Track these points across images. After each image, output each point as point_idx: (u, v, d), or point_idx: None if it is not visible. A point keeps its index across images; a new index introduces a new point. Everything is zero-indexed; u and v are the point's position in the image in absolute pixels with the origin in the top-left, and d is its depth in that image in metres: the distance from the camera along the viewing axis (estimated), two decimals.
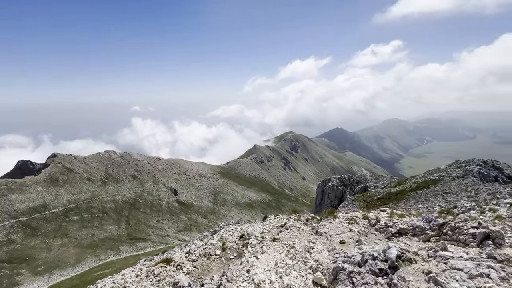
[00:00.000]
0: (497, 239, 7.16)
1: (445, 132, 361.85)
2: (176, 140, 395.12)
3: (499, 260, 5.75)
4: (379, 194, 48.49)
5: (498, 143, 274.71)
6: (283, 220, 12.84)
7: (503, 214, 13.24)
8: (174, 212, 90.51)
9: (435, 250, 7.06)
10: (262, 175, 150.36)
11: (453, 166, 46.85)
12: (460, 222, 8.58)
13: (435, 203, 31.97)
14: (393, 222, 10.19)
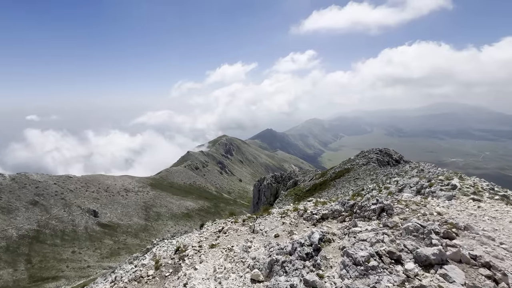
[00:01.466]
0: (389, 211, 9.08)
1: (352, 128, 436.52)
2: (91, 153, 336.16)
3: (390, 227, 7.30)
4: (307, 187, 54.03)
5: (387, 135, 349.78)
6: (221, 225, 12.78)
7: (392, 190, 16.85)
8: (96, 238, 77.37)
9: (348, 228, 8.40)
10: (199, 181, 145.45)
11: (360, 156, 56.67)
12: (364, 201, 10.49)
13: (349, 188, 37.85)
14: (317, 209, 11.58)
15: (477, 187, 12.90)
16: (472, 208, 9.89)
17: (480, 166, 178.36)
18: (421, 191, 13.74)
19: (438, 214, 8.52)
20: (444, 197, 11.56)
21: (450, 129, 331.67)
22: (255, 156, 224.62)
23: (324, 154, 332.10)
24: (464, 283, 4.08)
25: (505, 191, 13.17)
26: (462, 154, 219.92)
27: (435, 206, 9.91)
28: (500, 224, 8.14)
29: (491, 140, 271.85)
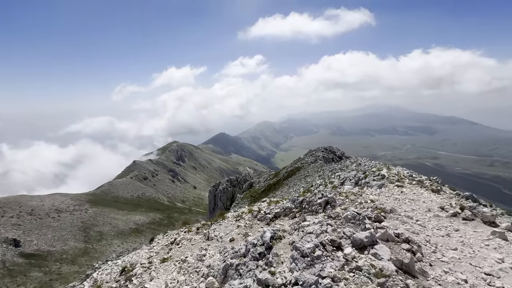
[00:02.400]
0: (332, 203, 9.98)
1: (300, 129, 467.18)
2: (7, 170, 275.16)
3: (333, 218, 8.03)
4: (262, 188, 55.31)
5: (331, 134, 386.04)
6: (173, 236, 12.10)
7: (336, 184, 18.56)
8: (18, 272, 64.28)
9: (298, 223, 8.92)
10: (148, 192, 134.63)
11: (308, 155, 60.84)
12: (312, 196, 11.30)
13: (300, 186, 40.15)
14: (270, 209, 11.98)
15: (400, 175, 15.20)
16: (396, 193, 11.61)
17: (403, 157, 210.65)
18: (359, 183, 15.51)
19: (371, 201, 9.75)
20: (376, 186, 13.28)
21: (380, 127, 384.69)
22: (209, 161, 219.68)
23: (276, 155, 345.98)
24: (390, 258, 4.77)
25: (420, 177, 15.84)
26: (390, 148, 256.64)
27: (369, 194, 11.30)
28: (416, 205, 9.76)
29: (410, 135, 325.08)
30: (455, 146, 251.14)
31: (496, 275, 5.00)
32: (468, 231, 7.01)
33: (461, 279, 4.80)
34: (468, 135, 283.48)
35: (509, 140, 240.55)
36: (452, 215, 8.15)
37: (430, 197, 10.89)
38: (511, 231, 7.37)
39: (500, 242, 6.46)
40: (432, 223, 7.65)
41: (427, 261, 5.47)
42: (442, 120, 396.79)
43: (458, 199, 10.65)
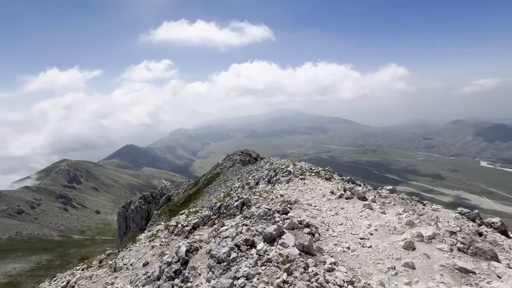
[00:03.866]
0: (248, 203, 10.51)
1: (217, 135, 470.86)
2: None
3: (248, 218, 8.47)
4: (182, 199, 52.15)
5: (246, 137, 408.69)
6: (65, 279, 9.72)
7: (252, 184, 19.68)
8: None
9: (217, 230, 8.92)
10: (26, 230, 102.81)
11: (226, 159, 61.91)
12: (229, 200, 11.56)
13: (221, 191, 40.26)
14: (188, 221, 11.46)
15: (303, 169, 17.61)
16: (300, 185, 13.40)
17: (307, 153, 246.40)
18: (271, 180, 17.01)
19: (281, 196, 10.87)
20: (284, 181, 14.92)
21: (286, 128, 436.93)
22: (115, 179, 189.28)
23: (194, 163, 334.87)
24: (295, 244, 5.47)
25: (317, 169, 18.85)
26: (296, 146, 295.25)
27: (279, 190, 12.56)
28: (315, 193, 11.56)
29: (310, 134, 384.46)
30: (341, 140, 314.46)
31: (367, 238, 6.54)
32: (349, 208, 8.87)
33: (345, 247, 6.02)
34: (349, 132, 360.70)
35: (374, 133, 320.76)
36: (338, 196, 10.10)
37: (325, 184, 13.15)
38: (375, 202, 9.79)
39: (368, 211, 8.47)
40: (326, 206, 9.26)
41: (323, 239, 6.57)
42: (331, 120, 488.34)
43: (342, 183, 13.32)
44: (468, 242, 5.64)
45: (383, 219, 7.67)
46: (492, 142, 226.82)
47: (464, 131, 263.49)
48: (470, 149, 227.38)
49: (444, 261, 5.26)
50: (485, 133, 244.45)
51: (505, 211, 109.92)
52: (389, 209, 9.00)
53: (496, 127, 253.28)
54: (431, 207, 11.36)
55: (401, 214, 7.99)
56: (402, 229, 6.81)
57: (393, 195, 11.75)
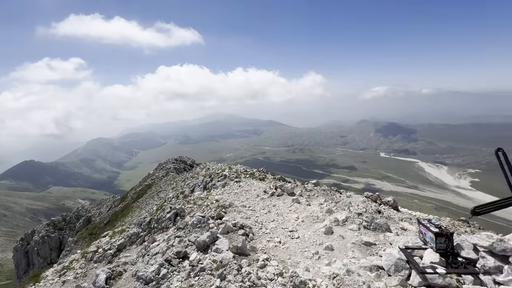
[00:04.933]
0: (182, 213, 9.99)
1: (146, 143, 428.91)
2: None
3: (182, 228, 8.05)
4: (106, 219, 45.27)
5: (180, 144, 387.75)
6: None
7: (187, 193, 18.82)
8: None
9: (147, 247, 8.14)
10: None
11: (158, 169, 57.19)
12: (160, 213, 10.72)
13: (154, 204, 36.90)
14: (112, 243, 10.04)
15: (238, 172, 17.94)
16: (236, 188, 13.60)
17: (243, 156, 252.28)
18: (207, 186, 16.66)
19: (216, 201, 10.77)
20: (220, 186, 14.87)
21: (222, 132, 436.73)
22: (8, 206, 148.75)
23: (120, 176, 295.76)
24: (229, 247, 5.50)
25: (252, 170, 19.53)
26: (233, 150, 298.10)
27: (215, 195, 12.43)
28: (250, 194, 11.94)
29: (245, 137, 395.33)
30: (274, 141, 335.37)
31: (295, 230, 7.15)
32: (280, 204, 9.53)
33: (277, 242, 6.43)
34: (280, 133, 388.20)
35: (301, 134, 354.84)
36: (271, 195, 10.71)
37: (258, 185, 13.73)
38: (302, 196, 10.81)
39: (296, 205, 9.29)
40: (260, 205, 9.68)
41: (257, 237, 6.84)
42: (264, 123, 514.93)
43: (274, 182, 14.21)
44: (370, 220, 6.88)
45: (308, 211, 8.54)
46: (387, 137, 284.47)
47: (368, 129, 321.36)
48: (372, 144, 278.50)
49: (354, 239, 6.25)
50: (382, 130, 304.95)
51: (399, 190, 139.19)
52: (314, 200, 10.11)
53: (389, 125, 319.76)
54: (346, 194, 13.33)
55: (322, 204, 9.08)
56: (323, 217, 7.75)
57: (316, 188, 13.25)
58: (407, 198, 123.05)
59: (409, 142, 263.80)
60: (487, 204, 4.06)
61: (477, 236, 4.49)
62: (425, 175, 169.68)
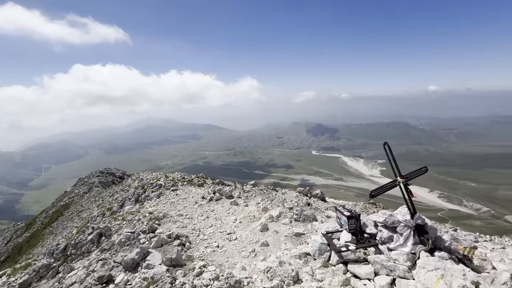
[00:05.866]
0: (107, 232, 8.84)
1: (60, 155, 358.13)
2: None
3: (108, 250, 7.15)
4: (3, 255, 35.99)
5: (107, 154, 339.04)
6: None
7: (115, 208, 16.76)
8: None
9: (61, 279, 6.88)
10: None
11: (78, 184, 48.78)
12: (79, 236, 9.23)
13: (73, 226, 31.32)
14: (10, 283, 8.04)
15: (174, 180, 17.02)
16: (172, 197, 12.88)
17: (182, 162, 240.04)
18: (139, 199, 15.18)
19: (150, 213, 9.96)
20: (155, 196, 13.81)
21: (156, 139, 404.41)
22: None
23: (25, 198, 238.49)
24: (162, 261, 5.19)
25: (190, 177, 18.84)
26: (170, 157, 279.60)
27: (148, 207, 11.47)
28: (187, 202, 11.50)
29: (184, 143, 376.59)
30: (214, 146, 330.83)
31: (233, 232, 7.27)
32: (218, 208, 9.52)
33: (215, 246, 6.41)
34: (220, 137, 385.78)
35: (241, 137, 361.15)
36: (209, 200, 10.59)
37: (197, 191, 13.36)
38: (240, 197, 11.06)
39: (235, 208, 9.45)
40: (198, 212, 9.44)
41: (194, 245, 6.66)
42: (203, 127, 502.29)
43: (214, 186, 14.09)
44: (300, 213, 7.61)
45: (246, 211, 8.81)
46: (316, 137, 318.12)
47: (301, 130, 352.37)
48: (305, 143, 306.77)
49: (286, 232, 6.78)
50: (312, 130, 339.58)
51: (328, 183, 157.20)
52: (251, 201, 10.48)
53: (317, 126, 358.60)
54: (281, 192, 14.30)
55: (259, 203, 9.51)
56: (259, 215, 8.13)
57: (254, 188, 13.77)
58: (335, 189, 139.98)
59: (334, 140, 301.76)
60: (380, 187, 5.06)
61: (376, 214, 5.52)
62: (348, 168, 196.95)
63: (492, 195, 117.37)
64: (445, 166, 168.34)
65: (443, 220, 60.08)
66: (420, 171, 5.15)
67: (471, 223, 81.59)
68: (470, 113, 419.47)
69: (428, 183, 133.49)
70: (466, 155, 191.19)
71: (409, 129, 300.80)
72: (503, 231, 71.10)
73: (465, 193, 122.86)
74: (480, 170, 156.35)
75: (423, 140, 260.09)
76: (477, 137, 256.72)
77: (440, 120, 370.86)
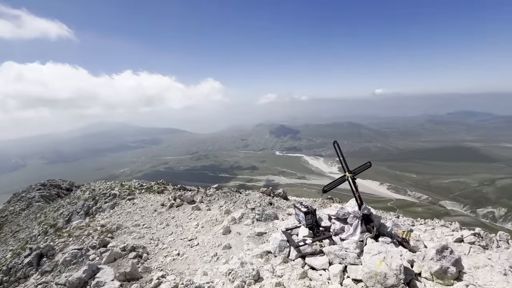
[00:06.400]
0: (50, 252, 7.83)
1: None
2: None
3: (50, 271, 6.35)
4: None
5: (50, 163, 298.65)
6: None
7: (60, 224, 14.95)
8: None
9: None
10: None
11: (14, 201, 42.09)
12: (14, 260, 8.00)
13: (7, 249, 26.96)
14: None
15: (131, 188, 15.88)
16: (128, 207, 11.99)
17: (141, 169, 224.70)
18: (90, 212, 13.77)
19: (102, 226, 9.12)
20: (109, 207, 12.69)
21: (111, 145, 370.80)
22: None
23: None
24: (115, 276, 4.81)
25: (149, 184, 17.78)
26: (127, 164, 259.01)
27: (100, 220, 10.50)
28: (146, 210, 10.83)
29: (142, 148, 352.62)
30: (176, 150, 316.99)
31: (195, 238, 7.09)
32: (179, 215, 9.17)
33: (175, 254, 6.17)
34: (183, 141, 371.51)
35: (205, 140, 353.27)
36: (169, 207, 10.14)
37: (156, 198, 12.66)
38: (202, 202, 10.82)
39: (197, 212, 9.22)
40: (157, 220, 8.96)
41: (153, 255, 6.31)
42: (163, 131, 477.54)
43: (175, 192, 13.52)
44: (261, 212, 7.76)
45: (208, 215, 8.66)
46: (279, 138, 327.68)
47: (264, 131, 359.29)
48: (269, 144, 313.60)
49: (249, 232, 6.86)
50: (275, 131, 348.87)
51: (292, 182, 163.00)
52: (214, 204, 10.34)
53: (280, 127, 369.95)
54: (245, 193, 14.38)
55: (222, 206, 9.43)
56: (222, 219, 8.06)
57: (218, 191, 13.61)
58: (298, 187, 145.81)
59: (296, 140, 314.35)
60: (331, 183, 5.46)
61: (330, 208, 5.94)
62: (309, 166, 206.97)
63: (429, 184, 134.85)
64: (392, 160, 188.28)
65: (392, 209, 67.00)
66: (365, 166, 5.71)
67: (414, 210, 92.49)
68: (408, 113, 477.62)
69: (379, 177, 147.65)
70: (407, 150, 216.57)
71: (360, 129, 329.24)
72: (438, 215, 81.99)
73: (409, 184, 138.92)
74: (419, 163, 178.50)
75: (372, 138, 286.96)
76: (415, 134, 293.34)
77: (385, 120, 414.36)
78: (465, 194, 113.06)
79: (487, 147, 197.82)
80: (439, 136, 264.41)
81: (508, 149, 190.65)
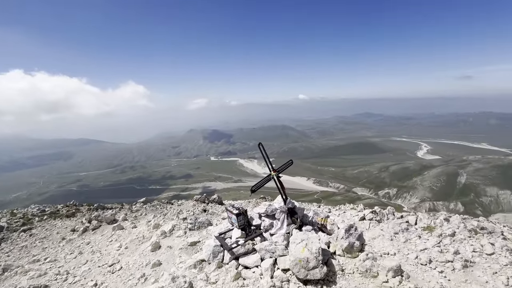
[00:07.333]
0: None
1: None
2: None
3: None
4: None
5: None
6: None
7: None
8: None
9: None
10: None
11: None
12: None
13: None
14: None
15: (27, 216, 12.73)
16: (23, 240, 9.50)
17: (44, 191, 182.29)
18: None
19: None
20: None
21: None
22: None
23: None
24: None
25: (55, 207, 14.65)
26: (23, 186, 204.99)
27: None
28: (49, 240, 8.87)
29: (44, 165, 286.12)
30: (93, 164, 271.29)
31: (117, 261, 6.23)
32: (97, 239, 7.91)
33: (92, 285, 5.28)
34: (100, 153, 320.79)
35: (130, 150, 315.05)
36: (83, 231, 8.62)
37: (65, 224, 10.54)
38: (127, 219, 9.65)
39: (119, 232, 8.14)
40: (65, 250, 7.47)
41: None
42: (73, 143, 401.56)
43: (90, 213, 11.57)
44: (194, 221, 7.49)
45: (134, 233, 7.78)
46: (213, 143, 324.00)
47: (197, 137, 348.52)
48: (203, 150, 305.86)
49: (181, 244, 6.51)
50: (208, 137, 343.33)
51: (229, 186, 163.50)
52: (141, 220, 9.37)
53: (213, 132, 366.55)
54: (177, 203, 13.59)
55: (150, 221, 8.63)
56: (150, 234, 7.38)
57: (145, 206, 12.40)
58: (236, 191, 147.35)
59: (230, 144, 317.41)
60: (258, 182, 5.78)
61: (259, 206, 6.26)
62: (244, 169, 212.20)
63: (344, 175, 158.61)
64: (314, 157, 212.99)
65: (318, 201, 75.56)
66: (287, 164, 6.28)
67: (335, 198, 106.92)
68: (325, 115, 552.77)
69: (305, 173, 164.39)
70: (325, 147, 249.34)
71: (287, 130, 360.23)
72: (352, 200, 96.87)
73: (329, 177, 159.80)
74: (335, 157, 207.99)
75: (298, 138, 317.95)
76: (329, 133, 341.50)
77: (306, 122, 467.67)
78: (369, 180, 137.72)
79: (382, 141, 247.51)
80: (348, 134, 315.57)
81: (396, 142, 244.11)
